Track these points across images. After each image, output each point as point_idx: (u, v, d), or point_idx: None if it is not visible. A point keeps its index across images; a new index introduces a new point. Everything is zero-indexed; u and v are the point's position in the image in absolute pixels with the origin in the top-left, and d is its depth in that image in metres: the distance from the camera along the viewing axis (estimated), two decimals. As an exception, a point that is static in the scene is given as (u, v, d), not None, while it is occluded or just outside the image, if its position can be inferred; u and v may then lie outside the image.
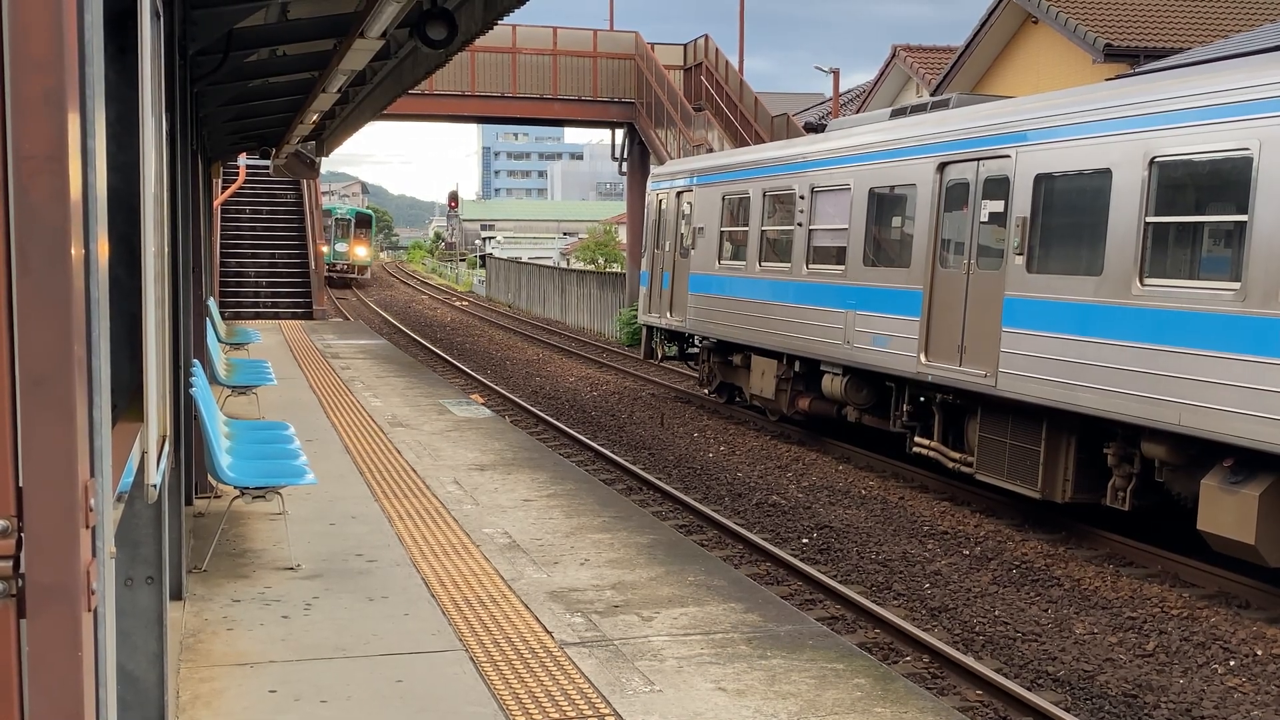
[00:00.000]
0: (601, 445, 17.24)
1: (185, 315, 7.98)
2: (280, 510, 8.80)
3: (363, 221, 58.92)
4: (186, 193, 8.16)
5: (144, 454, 3.67)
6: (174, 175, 7.00)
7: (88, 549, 1.95)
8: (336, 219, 56.73)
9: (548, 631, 6.75)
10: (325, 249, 50.81)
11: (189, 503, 8.84)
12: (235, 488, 8.08)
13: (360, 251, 58.21)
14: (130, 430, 3.57)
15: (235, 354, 17.53)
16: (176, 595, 6.88)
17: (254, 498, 8.17)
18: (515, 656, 6.33)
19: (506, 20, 9.55)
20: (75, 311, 1.87)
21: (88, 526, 1.94)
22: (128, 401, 3.99)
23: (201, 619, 6.85)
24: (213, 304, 18.28)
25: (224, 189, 30.63)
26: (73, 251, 1.86)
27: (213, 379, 12.04)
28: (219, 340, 16.12)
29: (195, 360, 8.83)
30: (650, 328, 23.49)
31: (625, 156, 36.60)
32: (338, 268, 56.27)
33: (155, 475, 3.82)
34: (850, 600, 10.08)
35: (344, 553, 8.34)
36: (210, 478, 8.81)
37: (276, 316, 30.79)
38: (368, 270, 61.14)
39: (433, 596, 7.34)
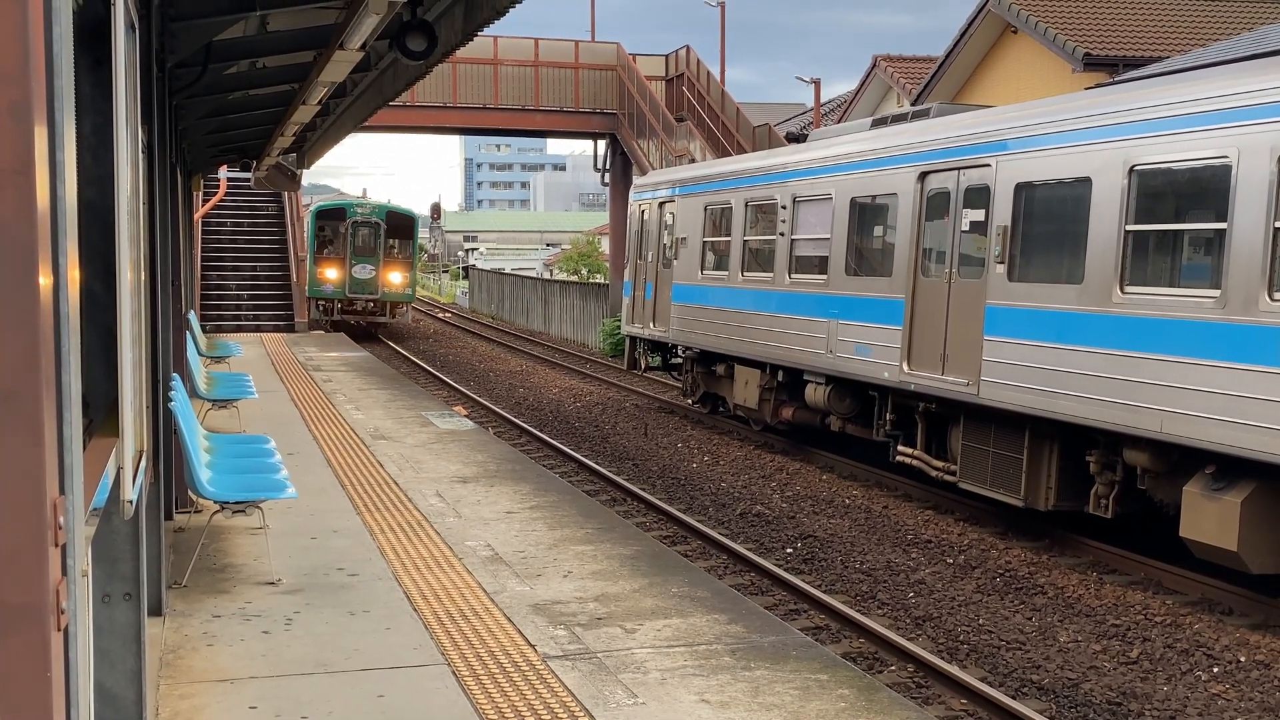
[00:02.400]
0: (585, 456, 17.20)
1: (164, 329, 7.93)
2: (261, 524, 8.74)
3: (399, 227, 36.60)
4: (166, 205, 8.12)
5: (120, 469, 3.63)
6: (152, 188, 6.96)
7: (57, 567, 1.92)
8: (356, 223, 35.65)
9: (530, 645, 6.71)
10: (334, 273, 34.74)
11: (169, 518, 8.78)
12: (215, 502, 8.02)
13: (395, 278, 35.69)
14: (106, 445, 3.53)
15: (216, 367, 17.45)
16: (156, 611, 6.82)
17: (234, 512, 8.12)
18: (498, 670, 6.29)
19: (487, 32, 9.53)
20: (43, 326, 1.84)
21: (57, 545, 1.91)
22: (104, 416, 3.95)
23: (181, 635, 6.80)
24: (193, 317, 18.20)
25: (205, 202, 30.53)
26: (41, 266, 1.83)
27: (193, 393, 11.98)
28: (199, 354, 16.04)
29: (175, 374, 8.77)
30: (633, 338, 23.48)
31: (608, 167, 36.63)
32: (356, 305, 35.65)
33: (131, 491, 3.78)
34: (834, 610, 10.07)
35: (325, 567, 8.28)
36: (190, 492, 8.75)
37: (258, 329, 30.67)
38: (407, 308, 37.39)
39: (415, 610, 7.30)
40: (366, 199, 43.73)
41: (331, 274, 34.98)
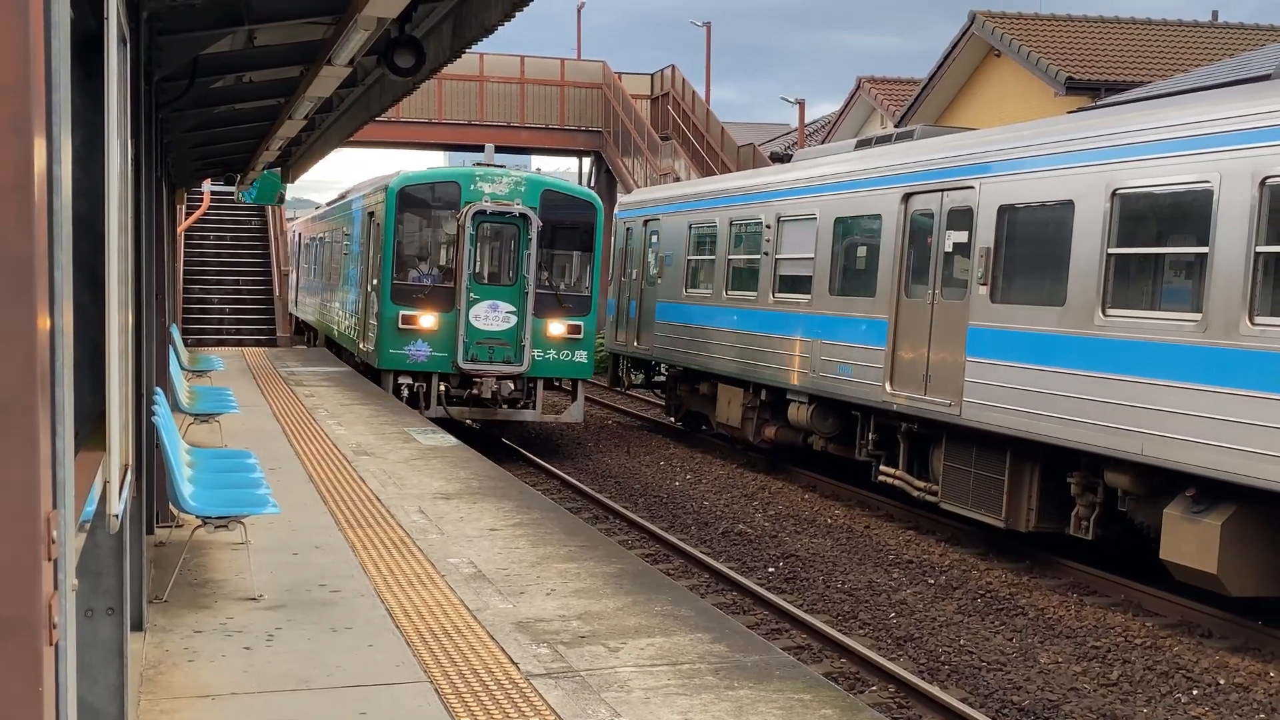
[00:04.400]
0: (567, 474, 17.18)
1: (148, 342, 7.90)
2: (243, 540, 8.70)
3: (569, 226, 19.13)
4: (151, 218, 8.10)
5: (106, 483, 3.62)
6: (138, 201, 6.94)
7: (49, 581, 1.92)
8: (481, 215, 18.25)
9: (513, 663, 6.69)
10: (431, 319, 18.19)
11: (150, 532, 8.73)
12: (197, 517, 7.98)
13: (557, 328, 18.44)
14: (92, 459, 3.52)
15: (198, 381, 17.38)
16: (137, 626, 6.78)
17: (216, 527, 8.07)
18: (480, 688, 6.27)
19: (474, 49, 9.55)
20: (39, 340, 1.84)
21: (50, 559, 1.90)
22: (90, 429, 3.94)
23: (162, 650, 6.75)
24: (175, 331, 18.13)
25: (188, 215, 30.47)
26: (38, 280, 1.83)
27: (175, 406, 11.93)
28: (181, 367, 15.98)
29: (158, 388, 8.74)
30: (617, 355, 23.49)
31: (592, 185, 36.72)
32: (479, 388, 18.30)
33: (117, 505, 3.77)
34: (816, 630, 10.07)
35: (307, 583, 8.24)
36: (172, 507, 8.70)
37: (240, 343, 30.56)
38: (578, 393, 19.29)
39: (397, 627, 7.27)
40: (497, 166, 20.03)
41: (427, 320, 17.88)
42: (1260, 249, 9.34)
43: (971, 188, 12.72)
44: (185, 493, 7.86)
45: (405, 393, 18.43)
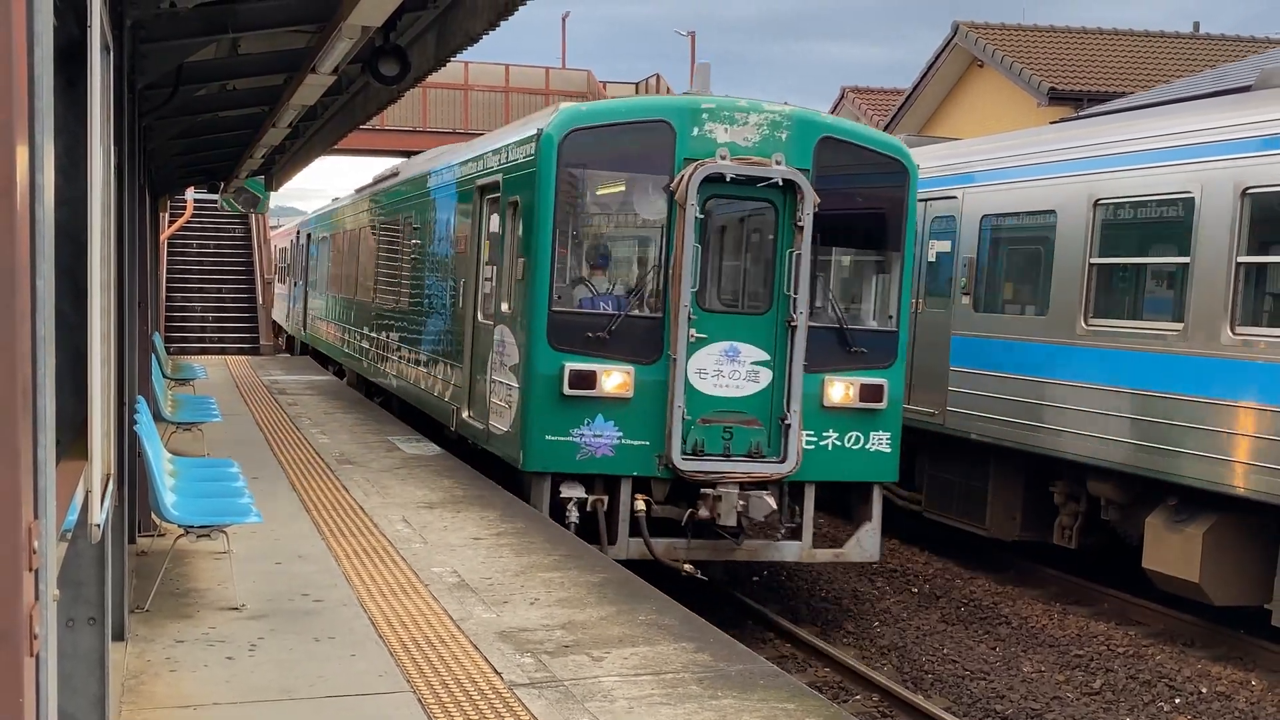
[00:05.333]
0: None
1: (130, 350, 7.88)
2: (225, 549, 8.66)
3: (860, 201, 10.73)
4: (134, 226, 8.08)
5: (88, 492, 3.60)
6: (121, 209, 6.92)
7: (31, 592, 1.91)
8: (718, 183, 9.86)
9: (497, 672, 6.67)
10: (618, 378, 10.03)
11: (132, 541, 8.68)
12: (179, 526, 7.94)
13: (838, 392, 10.28)
14: (74, 468, 3.50)
15: (180, 390, 17.31)
16: (119, 636, 6.74)
17: (198, 536, 8.03)
18: (464, 698, 6.25)
19: (459, 57, 9.55)
20: (21, 349, 1.84)
21: (31, 569, 1.89)
22: (71, 438, 3.92)
23: (144, 660, 6.72)
24: (158, 339, 18.07)
25: (171, 222, 30.38)
26: (20, 288, 1.83)
27: (157, 415, 11.88)
28: (164, 376, 15.92)
29: (140, 396, 8.70)
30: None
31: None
32: (710, 505, 10.06)
33: (99, 514, 3.75)
34: (800, 639, 10.07)
35: (290, 592, 8.21)
36: (154, 516, 8.66)
37: (223, 352, 30.46)
38: (874, 517, 10.71)
39: (380, 637, 7.25)
40: (731, 98, 10.25)
41: (613, 380, 10.07)
42: (1241, 259, 9.40)
43: (954, 198, 12.77)
44: (167, 502, 7.83)
45: (575, 514, 10.59)
